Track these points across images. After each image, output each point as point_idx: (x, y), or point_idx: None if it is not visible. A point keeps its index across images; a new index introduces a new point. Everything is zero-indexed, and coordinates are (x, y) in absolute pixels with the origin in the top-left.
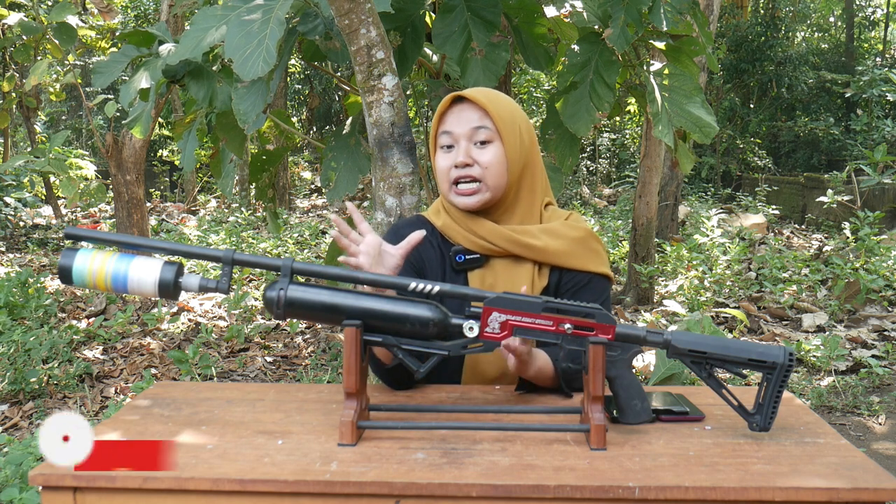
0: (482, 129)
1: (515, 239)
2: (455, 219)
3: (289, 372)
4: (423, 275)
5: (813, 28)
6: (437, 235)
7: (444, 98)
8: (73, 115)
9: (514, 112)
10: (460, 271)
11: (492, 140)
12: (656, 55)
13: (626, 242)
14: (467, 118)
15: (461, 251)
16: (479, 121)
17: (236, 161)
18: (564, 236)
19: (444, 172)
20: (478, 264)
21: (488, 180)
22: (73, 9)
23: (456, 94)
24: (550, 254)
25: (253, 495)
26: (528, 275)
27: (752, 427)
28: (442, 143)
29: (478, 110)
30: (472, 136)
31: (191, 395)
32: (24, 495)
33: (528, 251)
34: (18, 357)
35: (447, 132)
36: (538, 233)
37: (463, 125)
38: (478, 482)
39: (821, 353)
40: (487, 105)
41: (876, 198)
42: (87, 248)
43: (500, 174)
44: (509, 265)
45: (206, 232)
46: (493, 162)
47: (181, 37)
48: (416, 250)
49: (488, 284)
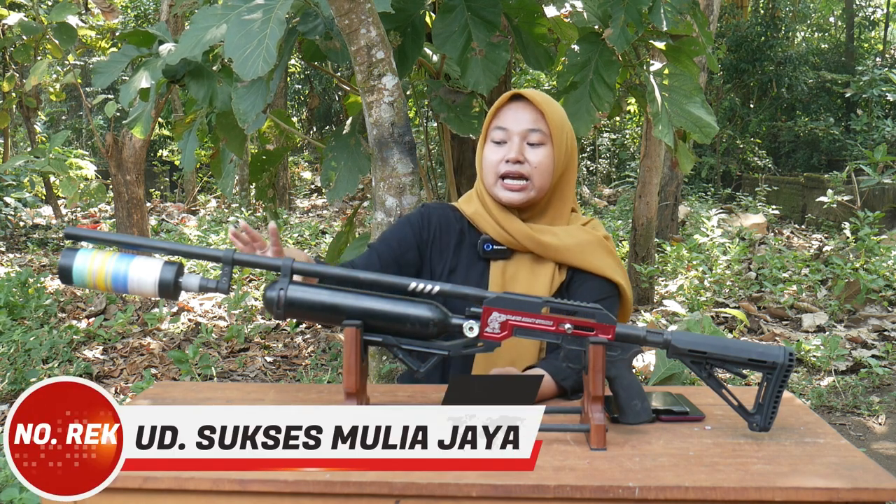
0: (536, 131)
1: (537, 239)
2: (488, 209)
3: (289, 372)
4: (425, 248)
5: (813, 28)
6: (463, 221)
7: (504, 94)
8: (73, 115)
9: (564, 119)
10: (484, 259)
11: (544, 143)
12: (656, 55)
13: (626, 242)
14: (524, 117)
15: (489, 240)
16: (534, 122)
17: (236, 161)
18: (580, 238)
19: (493, 165)
20: (503, 256)
21: (535, 180)
22: (73, 9)
23: (515, 92)
24: (563, 252)
25: (253, 495)
26: (548, 272)
27: (752, 427)
28: (494, 138)
29: (534, 111)
30: (526, 136)
31: (191, 395)
32: (24, 495)
33: (545, 250)
34: (18, 357)
35: (502, 128)
36: (560, 233)
37: (519, 123)
38: (478, 482)
39: (821, 353)
40: (545, 108)
41: (876, 198)
42: (87, 248)
43: (546, 175)
44: (531, 262)
45: (206, 232)
46: (542, 163)
47: (181, 36)
48: (436, 227)
49: (509, 276)
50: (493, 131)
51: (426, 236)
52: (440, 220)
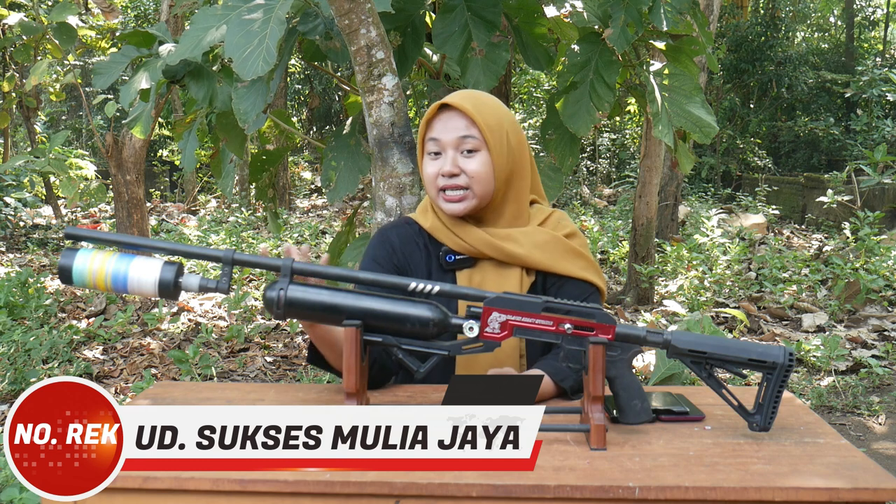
0: (469, 139)
1: (498, 246)
2: (443, 221)
3: (289, 372)
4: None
5: (813, 28)
6: (423, 235)
7: (432, 105)
8: (73, 115)
9: (500, 118)
10: (449, 271)
11: (478, 149)
12: (656, 55)
13: (626, 242)
14: (454, 126)
15: (450, 251)
16: (465, 129)
17: (236, 161)
18: (540, 240)
19: (432, 179)
20: (467, 265)
21: (475, 188)
22: (73, 9)
23: (442, 102)
24: (526, 257)
25: (253, 495)
26: (515, 276)
27: (752, 427)
28: (429, 150)
29: (464, 118)
30: (459, 145)
31: (191, 395)
32: (24, 495)
33: (508, 257)
34: (18, 357)
35: (434, 139)
36: (521, 237)
37: (450, 133)
38: (478, 482)
39: (821, 353)
40: (474, 114)
41: (876, 198)
42: (87, 248)
43: (486, 182)
44: (497, 267)
45: (206, 232)
46: (479, 171)
47: (181, 37)
48: (401, 252)
49: (476, 284)
50: (427, 143)
51: (397, 262)
52: (402, 241)
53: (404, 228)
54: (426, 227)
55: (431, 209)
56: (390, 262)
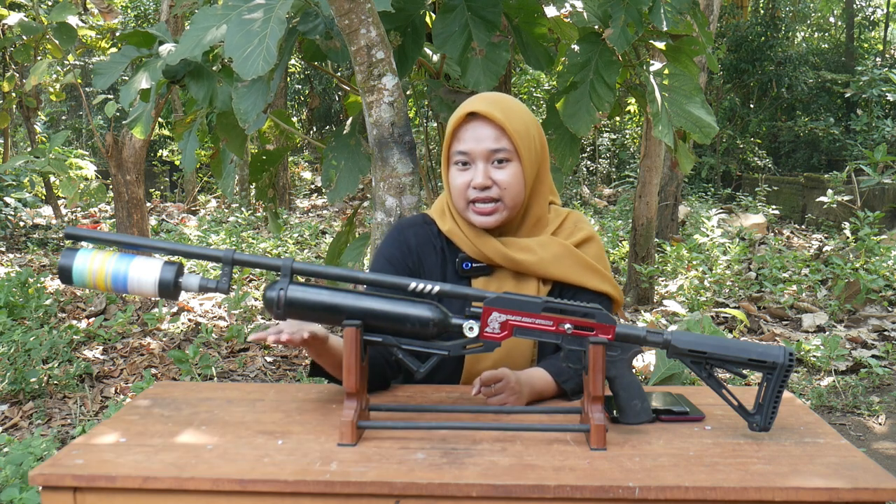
0: (501, 150)
1: (514, 258)
2: (461, 227)
3: (289, 372)
4: (421, 278)
5: (813, 28)
6: (441, 238)
7: (457, 113)
8: (73, 115)
9: (527, 123)
10: (465, 278)
11: (510, 159)
12: (656, 55)
13: (626, 242)
14: (484, 136)
15: (467, 258)
16: (496, 141)
17: (236, 161)
18: (555, 251)
19: (461, 190)
20: (483, 273)
21: (506, 200)
22: (73, 9)
23: (470, 110)
24: (541, 268)
25: (253, 495)
26: (532, 287)
27: (752, 427)
28: (457, 161)
29: (494, 128)
30: (491, 157)
31: (191, 395)
32: (24, 495)
33: (523, 268)
34: (18, 357)
35: (463, 152)
36: (537, 248)
37: (480, 144)
38: (478, 482)
39: (821, 353)
40: (504, 122)
41: (876, 198)
42: (87, 248)
43: (517, 192)
44: (514, 277)
45: (206, 232)
46: (511, 182)
47: (181, 37)
48: (417, 254)
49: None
50: (454, 154)
51: (411, 264)
52: (419, 242)
53: (423, 228)
54: (444, 231)
55: (449, 212)
56: (404, 263)
